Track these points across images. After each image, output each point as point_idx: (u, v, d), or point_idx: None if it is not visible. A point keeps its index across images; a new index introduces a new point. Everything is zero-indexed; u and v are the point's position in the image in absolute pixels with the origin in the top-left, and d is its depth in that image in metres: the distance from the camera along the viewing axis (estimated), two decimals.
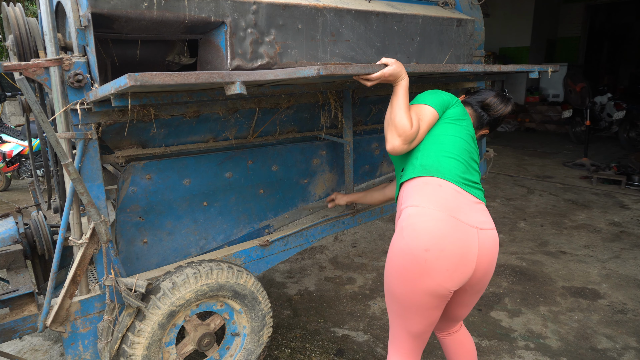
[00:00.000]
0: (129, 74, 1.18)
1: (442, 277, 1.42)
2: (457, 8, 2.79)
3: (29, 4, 7.73)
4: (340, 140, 2.53)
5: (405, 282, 1.46)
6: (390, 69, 1.61)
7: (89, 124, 1.68)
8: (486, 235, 1.49)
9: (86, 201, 1.67)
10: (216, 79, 1.32)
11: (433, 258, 1.40)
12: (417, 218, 1.46)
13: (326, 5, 2.01)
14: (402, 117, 1.58)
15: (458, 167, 1.57)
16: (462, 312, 1.76)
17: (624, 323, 2.82)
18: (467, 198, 1.53)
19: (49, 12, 1.61)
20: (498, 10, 10.91)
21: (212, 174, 2.19)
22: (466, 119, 1.72)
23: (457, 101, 1.75)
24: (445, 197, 1.48)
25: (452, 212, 1.45)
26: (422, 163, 1.59)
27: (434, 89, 1.78)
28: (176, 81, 1.26)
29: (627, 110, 7.72)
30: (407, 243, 1.44)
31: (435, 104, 1.67)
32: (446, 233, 1.42)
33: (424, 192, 1.51)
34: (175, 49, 2.09)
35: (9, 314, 1.77)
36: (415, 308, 1.48)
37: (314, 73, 1.40)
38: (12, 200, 5.80)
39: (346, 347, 2.62)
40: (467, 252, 1.44)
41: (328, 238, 4.25)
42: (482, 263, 1.50)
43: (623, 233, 4.29)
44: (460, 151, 1.61)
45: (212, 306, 2.04)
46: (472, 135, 1.71)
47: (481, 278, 1.54)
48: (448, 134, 1.64)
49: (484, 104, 1.85)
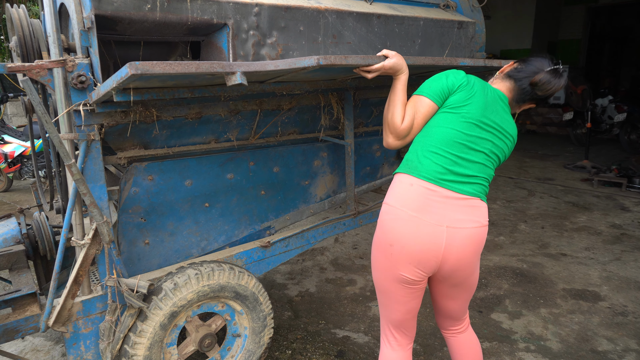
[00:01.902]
0: (130, 63, 1.19)
1: (405, 269, 1.57)
2: (459, 10, 2.80)
3: (31, 5, 7.76)
4: (342, 141, 2.53)
5: (379, 270, 1.65)
6: (391, 61, 1.63)
7: (91, 125, 1.69)
8: (457, 233, 1.52)
9: (89, 202, 1.67)
10: (217, 69, 1.32)
11: (396, 252, 1.56)
12: (386, 216, 1.60)
13: (328, 8, 2.02)
14: (395, 113, 1.62)
15: (441, 162, 1.54)
16: (451, 306, 1.76)
17: (625, 325, 2.82)
18: (443, 196, 1.53)
19: (53, 14, 1.62)
20: (499, 12, 10.92)
21: (214, 175, 2.19)
22: (468, 104, 1.58)
23: (463, 84, 1.60)
24: (413, 197, 1.54)
25: (417, 212, 1.53)
26: (407, 157, 1.64)
27: (443, 72, 1.67)
28: (177, 70, 1.26)
29: (628, 112, 7.71)
30: (378, 237, 1.63)
31: (432, 93, 1.61)
32: (408, 232, 1.53)
33: (397, 190, 1.60)
34: (177, 51, 2.10)
35: (12, 314, 1.77)
36: (390, 295, 1.65)
37: (314, 63, 1.40)
38: (14, 201, 5.81)
39: (347, 349, 2.62)
40: (429, 249, 1.53)
41: (329, 240, 4.26)
42: (450, 259, 1.55)
43: (624, 235, 4.29)
44: (449, 144, 1.56)
45: (214, 307, 2.05)
46: (474, 122, 1.58)
47: (452, 272, 1.59)
48: (440, 125, 1.59)
49: (533, 81, 1.63)
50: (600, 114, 8.08)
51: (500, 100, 1.66)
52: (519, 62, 1.71)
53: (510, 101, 1.71)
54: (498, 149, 1.63)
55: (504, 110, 1.66)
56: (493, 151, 1.61)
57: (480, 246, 1.60)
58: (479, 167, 1.58)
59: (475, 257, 1.61)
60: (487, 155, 1.60)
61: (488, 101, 1.61)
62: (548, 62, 1.65)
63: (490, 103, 1.61)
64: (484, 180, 1.60)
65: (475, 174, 1.57)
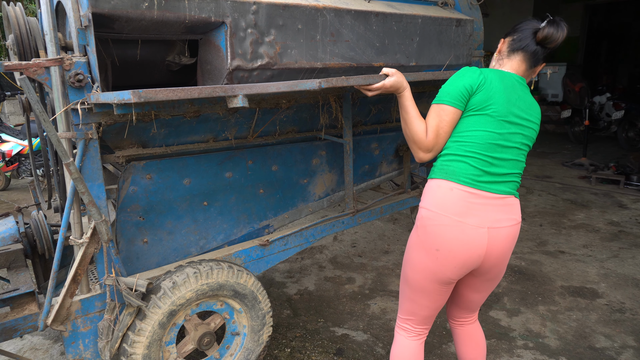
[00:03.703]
0: (133, 91, 1.20)
1: (450, 271, 1.61)
2: (457, 8, 2.80)
3: (27, 3, 7.72)
4: (340, 140, 2.53)
5: (419, 271, 1.66)
6: (391, 80, 1.66)
7: (89, 124, 1.69)
8: (498, 233, 1.58)
9: (87, 200, 1.67)
10: (219, 93, 1.34)
11: (442, 257, 1.59)
12: (428, 221, 1.61)
13: (326, 6, 2.02)
14: (416, 129, 1.63)
15: (477, 164, 1.56)
16: (475, 298, 1.83)
17: (622, 322, 2.83)
18: (482, 197, 1.56)
19: (50, 12, 1.61)
20: (497, 9, 10.91)
21: (212, 174, 2.19)
22: (492, 102, 1.56)
23: (481, 83, 1.57)
24: (454, 201, 1.56)
25: (460, 217, 1.55)
26: (442, 163, 1.64)
27: (457, 72, 1.63)
28: (180, 97, 1.28)
29: (626, 110, 7.72)
30: (423, 241, 1.63)
31: (453, 99, 1.58)
32: (453, 237, 1.56)
33: (437, 195, 1.61)
34: (175, 49, 2.09)
35: (10, 312, 1.77)
36: (426, 293, 1.68)
37: (315, 86, 1.42)
38: (11, 200, 5.79)
39: (346, 347, 2.63)
40: (474, 251, 1.57)
41: (328, 238, 4.26)
42: (491, 257, 1.61)
43: (621, 233, 4.31)
44: (482, 147, 1.56)
45: (212, 305, 2.05)
46: (503, 119, 1.57)
47: (491, 267, 1.66)
48: (471, 129, 1.58)
49: (539, 39, 1.59)
50: (598, 112, 8.09)
51: (518, 84, 1.63)
52: (511, 35, 1.67)
53: (525, 72, 1.67)
54: (527, 139, 1.64)
55: (524, 94, 1.64)
56: (524, 142, 1.63)
57: (515, 240, 1.67)
58: (513, 163, 1.62)
59: (511, 251, 1.68)
60: (519, 149, 1.63)
61: (508, 91, 1.59)
62: (536, 20, 1.63)
63: (510, 92, 1.59)
64: (517, 176, 1.66)
65: (509, 171, 1.61)
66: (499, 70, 1.65)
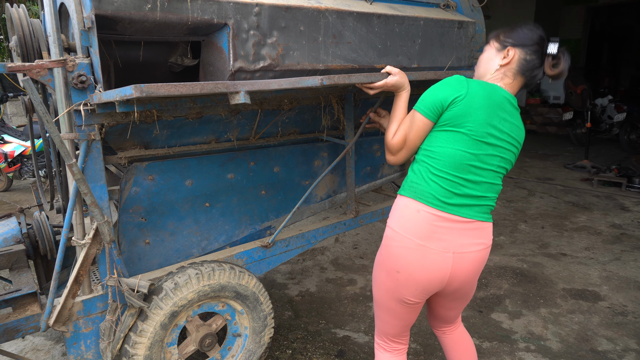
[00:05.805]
0: (135, 85, 1.20)
1: (410, 294, 1.57)
2: (459, 10, 2.80)
3: (31, 5, 7.75)
4: (342, 141, 2.53)
5: (381, 290, 1.64)
6: (393, 78, 1.65)
7: (92, 125, 1.69)
8: (463, 257, 1.52)
9: (89, 201, 1.67)
10: (221, 89, 1.34)
11: (403, 279, 1.55)
12: (391, 242, 1.58)
13: (328, 8, 2.02)
14: (389, 129, 1.63)
15: (447, 185, 1.48)
16: (449, 314, 1.80)
17: (624, 325, 2.83)
18: (449, 221, 1.49)
19: (53, 14, 1.61)
20: (499, 12, 10.91)
21: (214, 175, 2.19)
22: (469, 120, 1.44)
23: (460, 97, 1.44)
24: (420, 224, 1.51)
25: (423, 240, 1.50)
26: (412, 179, 1.57)
27: (442, 81, 1.52)
28: (182, 92, 1.28)
29: (628, 112, 7.71)
30: (384, 260, 1.61)
31: (425, 108, 1.49)
32: (414, 260, 1.52)
33: (403, 215, 1.57)
34: (178, 51, 2.10)
35: (12, 313, 1.77)
36: (390, 312, 1.65)
37: (317, 83, 1.42)
38: (14, 201, 5.80)
39: (347, 348, 2.62)
40: (436, 275, 1.53)
41: (329, 239, 4.26)
42: (455, 280, 1.56)
43: (623, 235, 4.30)
44: (454, 167, 1.47)
45: (214, 307, 2.05)
46: (479, 139, 1.46)
47: (457, 289, 1.61)
48: (444, 146, 1.48)
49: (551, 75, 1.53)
50: (600, 114, 8.08)
51: (508, 103, 1.51)
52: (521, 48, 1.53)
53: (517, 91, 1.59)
54: (505, 162, 1.54)
55: (511, 115, 1.52)
56: (501, 165, 1.53)
57: (484, 263, 1.62)
58: (486, 186, 1.52)
59: (478, 274, 1.63)
60: (494, 172, 1.53)
61: (492, 110, 1.46)
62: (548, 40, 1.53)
63: (494, 111, 1.47)
64: (490, 200, 1.55)
65: (482, 194, 1.52)
66: (492, 85, 1.51)
